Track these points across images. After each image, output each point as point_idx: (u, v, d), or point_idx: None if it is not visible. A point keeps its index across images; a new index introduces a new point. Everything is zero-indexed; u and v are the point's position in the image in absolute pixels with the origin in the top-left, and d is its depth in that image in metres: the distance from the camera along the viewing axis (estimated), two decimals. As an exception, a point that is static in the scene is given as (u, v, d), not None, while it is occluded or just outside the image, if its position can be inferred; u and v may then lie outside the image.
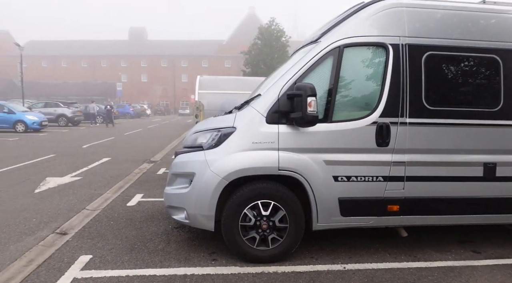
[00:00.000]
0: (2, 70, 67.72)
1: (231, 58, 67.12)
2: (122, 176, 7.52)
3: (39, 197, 5.72)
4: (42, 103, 26.41)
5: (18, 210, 5.00)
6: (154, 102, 67.07)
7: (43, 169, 8.19)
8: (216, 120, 3.81)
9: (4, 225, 4.39)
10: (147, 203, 5.42)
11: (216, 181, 3.27)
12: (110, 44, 73.27)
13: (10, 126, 18.38)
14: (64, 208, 5.14)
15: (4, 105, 19.12)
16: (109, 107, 27.01)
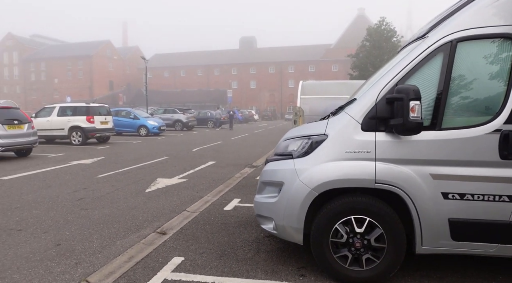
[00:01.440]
0: (134, 81, 77.40)
1: (338, 62, 65.84)
2: (224, 179, 7.78)
3: (148, 196, 6.21)
4: (162, 109, 29.33)
5: (128, 208, 5.48)
6: (261, 108, 69.29)
7: (156, 170, 8.95)
8: (308, 127, 3.61)
9: (115, 221, 4.83)
10: (243, 208, 5.45)
11: (305, 192, 3.07)
12: (223, 53, 78.13)
13: (135, 130, 20.78)
14: (167, 208, 5.47)
15: (131, 112, 21.70)
16: (232, 113, 31.12)
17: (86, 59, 74.46)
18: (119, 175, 8.28)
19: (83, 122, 15.24)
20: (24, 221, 4.84)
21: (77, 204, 5.68)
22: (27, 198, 6.11)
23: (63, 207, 5.53)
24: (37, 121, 14.63)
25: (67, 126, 15.33)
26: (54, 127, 15.51)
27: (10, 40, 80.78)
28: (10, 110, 11.35)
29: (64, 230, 4.46)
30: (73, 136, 15.29)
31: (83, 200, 5.96)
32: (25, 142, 11.10)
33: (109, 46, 79.49)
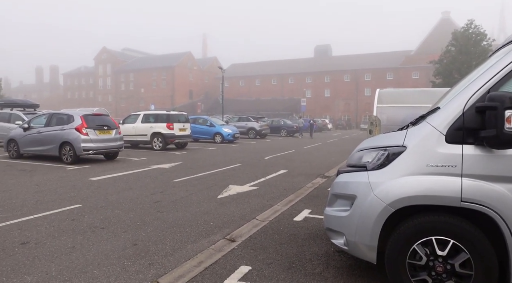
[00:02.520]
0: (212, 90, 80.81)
1: (419, 69, 62.24)
2: (295, 189, 7.68)
3: (220, 203, 6.34)
4: (236, 117, 30.13)
5: (201, 213, 5.63)
6: (335, 117, 67.90)
7: (229, 176, 9.14)
8: (384, 137, 3.38)
9: (187, 225, 4.99)
10: (313, 220, 5.30)
11: (379, 208, 2.85)
12: (297, 62, 78.28)
13: (211, 137, 21.58)
14: (237, 216, 5.51)
15: (207, 119, 22.61)
16: (312, 121, 33.13)
17: (169, 70, 79.64)
18: (194, 180, 8.60)
19: (163, 129, 16.21)
20: (107, 219, 5.21)
21: (154, 206, 5.98)
22: (111, 198, 6.59)
23: (141, 208, 5.86)
24: (124, 128, 15.91)
25: (150, 133, 16.43)
26: (138, 133, 16.72)
27: (105, 54, 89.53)
28: (101, 117, 12.47)
29: (141, 231, 4.71)
30: (154, 142, 16.33)
31: (160, 202, 6.27)
32: (113, 146, 12.09)
33: (189, 57, 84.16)
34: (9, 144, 12.78)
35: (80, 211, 5.68)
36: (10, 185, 7.83)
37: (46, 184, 7.97)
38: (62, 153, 11.38)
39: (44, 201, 6.32)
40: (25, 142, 12.27)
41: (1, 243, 4.24)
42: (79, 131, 11.18)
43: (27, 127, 12.33)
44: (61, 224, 4.99)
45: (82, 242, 4.27)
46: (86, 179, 8.61)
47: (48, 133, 11.74)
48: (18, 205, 6.06)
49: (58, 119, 11.99)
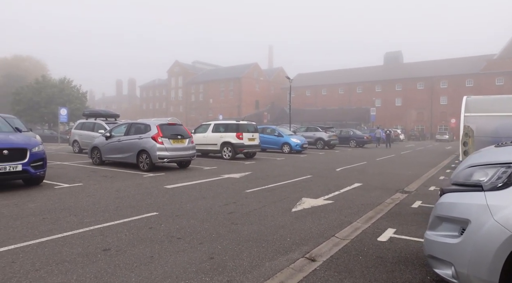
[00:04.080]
0: (278, 100, 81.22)
1: (504, 74, 57.03)
2: (373, 204, 7.14)
3: (295, 216, 6.05)
4: (304, 127, 29.71)
5: (276, 227, 5.39)
6: (407, 127, 64.40)
7: (301, 188, 8.82)
8: (502, 151, 2.87)
9: (263, 240, 4.76)
10: (400, 241, 4.79)
11: (503, 237, 2.38)
12: (366, 70, 75.85)
13: (278, 147, 21.42)
14: (315, 232, 5.18)
15: (275, 129, 22.51)
16: (388, 132, 33.52)
17: (236, 81, 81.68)
18: (265, 191, 8.41)
19: (233, 139, 16.38)
20: (183, 229, 5.17)
21: (228, 218, 5.87)
22: (186, 207, 6.62)
23: (215, 219, 5.77)
24: (195, 137, 16.34)
25: (220, 142, 16.70)
26: (209, 142, 17.08)
27: (177, 67, 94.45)
28: (175, 127, 12.89)
29: (217, 243, 4.58)
30: (224, 151, 16.55)
31: (233, 214, 6.14)
32: (186, 155, 12.40)
33: (256, 68, 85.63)
34: (92, 151, 13.71)
35: (157, 219, 5.74)
36: (94, 190, 8.27)
37: (125, 190, 8.30)
38: (139, 160, 11.91)
39: (123, 207, 6.52)
40: (107, 150, 13.07)
41: (86, 248, 4.35)
42: (155, 140, 11.62)
43: (108, 136, 13.13)
44: (139, 231, 5.05)
45: (160, 252, 4.23)
46: (161, 186, 8.84)
47: (127, 142, 12.38)
48: (101, 210, 6.30)
49: (136, 129, 12.61)
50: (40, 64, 73.69)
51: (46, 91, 44.37)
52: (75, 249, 4.30)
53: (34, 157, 8.18)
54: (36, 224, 5.39)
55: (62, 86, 46.57)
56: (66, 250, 4.26)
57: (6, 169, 7.64)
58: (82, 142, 18.90)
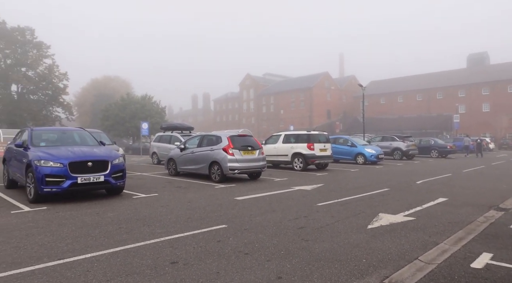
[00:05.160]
0: (350, 109, 79.12)
1: None
2: (462, 223, 6.33)
3: (371, 234, 5.55)
4: (379, 137, 28.26)
5: (350, 245, 4.96)
6: (497, 135, 58.34)
7: (377, 203, 8.20)
8: None
9: (336, 259, 4.38)
10: (501, 269, 4.08)
11: None
12: (447, 74, 70.57)
13: (352, 158, 20.56)
14: (394, 253, 4.66)
15: (348, 139, 21.68)
16: (479, 140, 31.49)
17: (307, 91, 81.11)
18: (338, 205, 7.95)
19: (304, 149, 16.03)
20: (251, 244, 4.99)
21: (298, 233, 5.57)
22: (255, 220, 6.46)
23: (285, 234, 5.51)
24: (266, 148, 16.30)
25: (290, 153, 16.46)
26: (280, 153, 16.93)
27: (248, 80, 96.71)
28: (246, 138, 12.94)
29: (286, 261, 4.31)
30: (295, 162, 16.26)
31: (304, 229, 5.83)
32: (256, 166, 12.35)
33: (327, 77, 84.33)
34: (169, 162, 14.30)
35: (225, 232, 5.64)
36: (168, 200, 8.51)
37: (197, 201, 8.41)
38: (211, 171, 12.12)
39: (194, 219, 6.55)
40: (181, 161, 13.54)
41: (155, 260, 4.35)
42: (226, 152, 11.75)
43: (183, 147, 13.60)
44: (207, 244, 4.97)
45: (226, 268, 4.08)
46: (232, 198, 8.82)
47: (199, 153, 12.70)
48: (172, 221, 6.39)
49: (208, 141, 12.89)
50: (125, 83, 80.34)
51: (130, 107, 48.01)
52: (145, 261, 4.32)
53: (115, 168, 8.66)
54: (112, 233, 5.60)
55: (144, 102, 50.05)
56: (136, 261, 4.30)
57: (90, 179, 8.17)
58: (160, 153, 19.92)
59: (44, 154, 8.20)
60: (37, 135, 9.49)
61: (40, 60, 49.51)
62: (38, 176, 7.79)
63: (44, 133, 9.96)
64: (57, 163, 7.91)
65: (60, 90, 50.97)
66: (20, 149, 9.08)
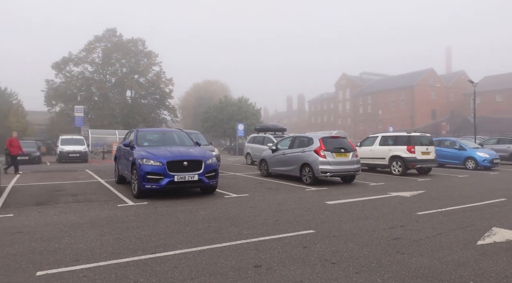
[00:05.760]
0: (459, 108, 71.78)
1: None
2: None
3: (481, 252, 4.79)
4: (494, 139, 24.96)
5: (454, 263, 4.32)
6: None
7: (490, 215, 7.14)
8: None
9: (436, 279, 3.82)
10: None
11: None
12: None
13: (460, 162, 18.49)
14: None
15: (456, 141, 19.55)
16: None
17: (408, 89, 75.80)
18: (442, 215, 7.11)
19: (403, 152, 14.88)
20: (339, 253, 4.68)
21: (393, 244, 5.07)
22: (345, 227, 6.09)
23: (378, 245, 5.06)
24: (361, 150, 15.54)
25: (388, 156, 15.41)
26: (376, 156, 15.97)
27: (344, 80, 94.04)
28: (339, 140, 12.45)
29: (376, 276, 3.91)
30: (393, 166, 15.19)
31: (400, 240, 5.29)
32: (350, 169, 11.79)
33: (431, 74, 77.79)
34: (261, 163, 14.48)
35: (312, 237, 5.40)
36: (257, 201, 8.55)
37: (286, 203, 8.29)
38: (302, 173, 11.92)
39: (281, 222, 6.43)
40: (273, 162, 13.59)
41: (239, 261, 4.32)
42: (318, 154, 11.44)
43: (275, 149, 13.65)
44: (293, 250, 4.79)
45: (311, 277, 3.85)
46: (322, 202, 8.52)
47: (291, 155, 12.59)
48: (260, 223, 6.36)
49: (300, 142, 12.71)
50: (223, 86, 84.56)
51: (228, 109, 50.32)
52: (229, 262, 4.32)
53: (208, 168, 9.01)
54: (202, 231, 5.76)
55: (240, 104, 52.01)
56: (221, 262, 4.32)
57: (186, 178, 8.61)
58: (254, 154, 20.36)
59: (146, 153, 8.89)
60: (142, 136, 10.37)
61: (150, 67, 54.80)
62: (141, 173, 8.47)
63: (148, 134, 10.85)
64: (157, 162, 8.51)
65: (166, 95, 55.79)
66: (128, 148, 10.01)
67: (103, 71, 53.85)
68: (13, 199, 8.89)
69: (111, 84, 53.94)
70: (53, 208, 7.77)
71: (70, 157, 24.49)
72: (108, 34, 53.81)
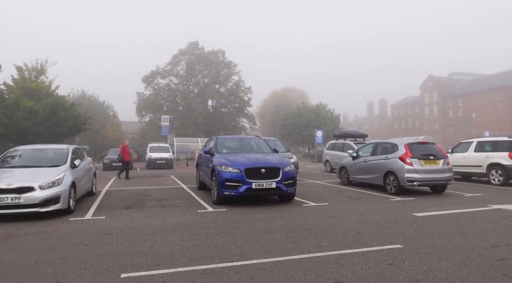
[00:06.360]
0: None
1: None
2: None
3: None
4: None
5: None
6: None
7: None
8: None
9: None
10: None
11: None
12: None
13: None
14: None
15: None
16: None
17: (507, 89, 68.11)
18: (559, 233, 6.05)
19: (504, 159, 13.20)
20: (431, 272, 4.16)
21: (497, 267, 4.38)
22: (437, 242, 5.46)
23: (478, 265, 4.41)
24: (452, 157, 14.17)
25: (485, 163, 13.81)
26: (471, 163, 14.43)
27: (431, 81, 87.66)
28: (427, 146, 11.46)
29: (481, 303, 3.37)
30: (492, 175, 13.56)
31: (506, 261, 4.56)
32: (440, 178, 10.75)
33: (537, 71, 68.98)
34: (341, 171, 13.94)
35: (400, 253, 4.91)
36: (338, 211, 8.15)
37: (369, 214, 7.78)
38: (386, 182, 11.17)
39: (364, 234, 6.00)
40: (354, 170, 12.98)
41: (318, 276, 4.06)
42: (403, 161, 10.62)
43: (355, 156, 13.04)
44: (378, 266, 4.38)
45: (400, 300, 3.44)
46: (409, 213, 7.83)
47: (373, 162, 11.90)
48: (341, 234, 6.01)
49: (383, 149, 11.97)
50: (301, 93, 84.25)
51: (306, 116, 49.90)
52: (308, 276, 4.08)
53: (286, 176, 8.84)
54: (279, 241, 5.59)
55: (318, 110, 51.26)
56: (299, 275, 4.10)
57: (263, 185, 8.55)
58: (333, 161, 19.77)
59: (225, 160, 9.02)
60: (221, 143, 10.58)
61: (229, 77, 56.82)
62: (220, 180, 8.60)
63: (227, 141, 11.06)
64: (235, 169, 8.57)
65: (245, 103, 57.25)
66: (207, 155, 10.28)
67: (187, 82, 57.11)
68: (106, 202, 9.63)
69: (194, 94, 56.95)
70: (139, 211, 8.23)
71: (157, 163, 26.17)
72: (191, 47, 57.02)
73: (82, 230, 6.44)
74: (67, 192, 7.78)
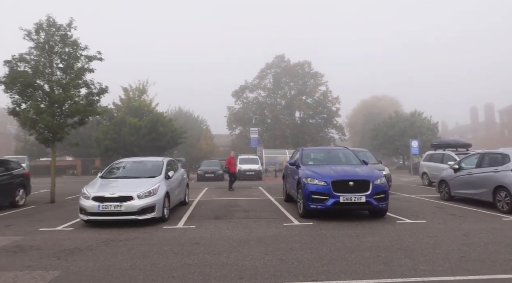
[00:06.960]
0: None
1: None
2: None
3: None
4: None
5: None
6: None
7: None
8: None
9: None
10: None
11: None
12: None
13: None
14: None
15: None
16: None
17: None
18: None
19: None
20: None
21: None
22: None
23: None
24: None
25: None
26: None
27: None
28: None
29: None
30: None
31: None
32: None
33: None
34: (440, 184, 12.68)
35: (517, 285, 4.16)
36: (437, 230, 7.34)
37: (475, 235, 6.84)
38: (496, 198, 9.80)
39: (470, 259, 5.25)
40: (455, 184, 11.69)
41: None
42: (517, 174, 9.23)
43: (457, 168, 11.75)
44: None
45: None
46: (527, 236, 6.71)
47: (479, 175, 10.57)
48: (441, 257, 5.34)
49: (491, 160, 10.58)
50: (393, 101, 79.75)
51: (399, 125, 46.95)
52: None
53: (376, 189, 8.26)
54: (369, 261, 5.17)
55: (413, 119, 47.88)
56: (391, 302, 3.68)
57: (352, 199, 8.09)
58: (431, 174, 18.13)
59: (311, 172, 8.77)
60: (307, 154, 10.36)
61: (316, 88, 56.33)
62: (306, 193, 8.37)
63: (313, 152, 10.80)
64: (321, 181, 8.27)
65: (333, 113, 56.10)
66: (293, 167, 10.13)
67: (274, 95, 58.02)
68: (197, 212, 10.02)
69: (281, 106, 57.58)
70: (227, 222, 8.38)
71: (246, 174, 26.80)
72: (277, 60, 57.95)
73: (173, 238, 6.74)
74: (161, 201, 8.27)
